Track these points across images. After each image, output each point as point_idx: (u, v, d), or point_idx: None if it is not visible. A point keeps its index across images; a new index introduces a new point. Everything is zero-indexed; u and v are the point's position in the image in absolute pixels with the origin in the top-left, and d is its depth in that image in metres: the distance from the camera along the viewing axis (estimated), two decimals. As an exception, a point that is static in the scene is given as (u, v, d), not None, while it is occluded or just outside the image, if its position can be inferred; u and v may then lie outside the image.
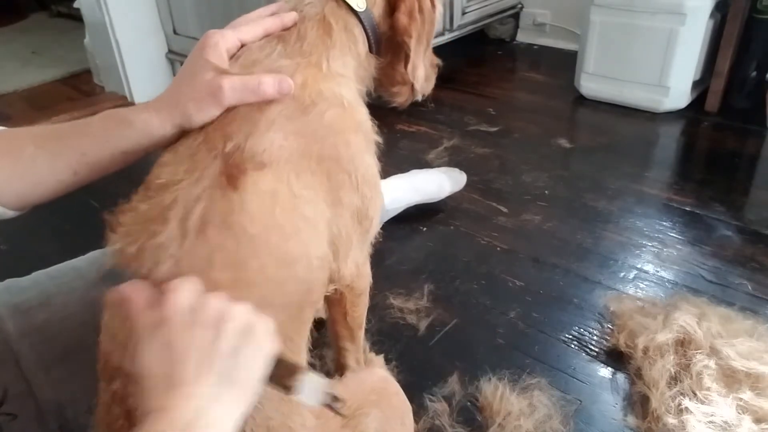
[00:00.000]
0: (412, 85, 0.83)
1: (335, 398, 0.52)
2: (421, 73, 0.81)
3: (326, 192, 0.65)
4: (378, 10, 0.75)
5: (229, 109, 0.63)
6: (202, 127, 0.63)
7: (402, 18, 0.75)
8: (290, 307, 0.63)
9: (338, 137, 0.67)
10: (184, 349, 0.46)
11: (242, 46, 0.67)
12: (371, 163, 0.73)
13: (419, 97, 0.87)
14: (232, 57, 0.67)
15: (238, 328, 0.48)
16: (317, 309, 1.10)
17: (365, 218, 0.72)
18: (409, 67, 0.78)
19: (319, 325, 1.11)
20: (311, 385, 0.51)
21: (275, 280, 0.60)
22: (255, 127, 0.62)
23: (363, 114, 0.74)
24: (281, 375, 0.51)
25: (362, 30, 0.73)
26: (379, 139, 0.76)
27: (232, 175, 0.60)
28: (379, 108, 0.85)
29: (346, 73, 0.72)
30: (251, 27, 0.68)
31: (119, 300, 0.50)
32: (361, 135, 0.71)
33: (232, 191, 0.59)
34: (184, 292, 0.49)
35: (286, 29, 0.69)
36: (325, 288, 0.70)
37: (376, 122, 0.76)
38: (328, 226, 0.66)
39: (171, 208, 0.58)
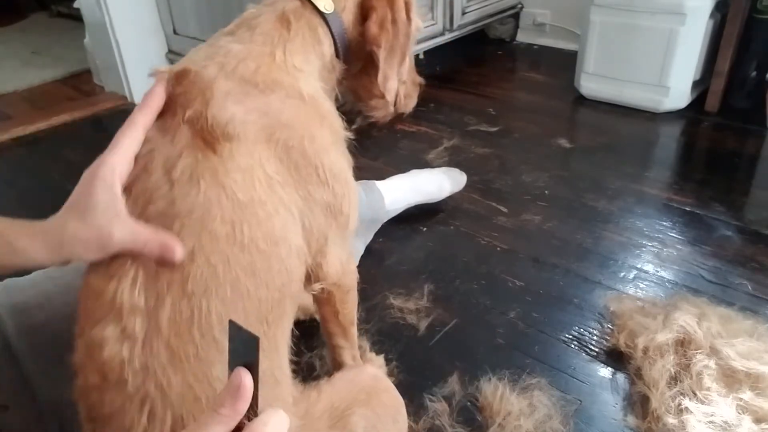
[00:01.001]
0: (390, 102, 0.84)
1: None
2: (393, 85, 0.81)
3: (296, 183, 0.66)
4: (348, 15, 0.76)
5: (179, 78, 0.64)
6: None
7: (372, 27, 0.75)
8: (273, 289, 0.62)
9: (302, 130, 0.67)
10: None
11: (134, 158, 0.62)
12: (339, 159, 0.72)
13: (401, 110, 0.86)
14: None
15: None
16: (312, 312, 1.11)
17: (340, 214, 0.72)
18: (380, 76, 0.78)
19: (319, 325, 1.11)
20: None
21: (263, 253, 0.61)
22: (209, 97, 0.63)
23: (327, 108, 0.73)
24: None
25: (328, 32, 0.73)
26: (349, 134, 0.75)
27: (207, 140, 0.61)
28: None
29: (307, 69, 0.71)
30: (130, 133, 0.61)
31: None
32: (327, 130, 0.70)
33: (213, 154, 0.61)
34: None
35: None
36: (302, 283, 0.70)
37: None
38: (300, 217, 0.66)
39: (150, 160, 0.61)
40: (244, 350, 0.39)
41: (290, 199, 0.65)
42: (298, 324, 1.10)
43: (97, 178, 0.58)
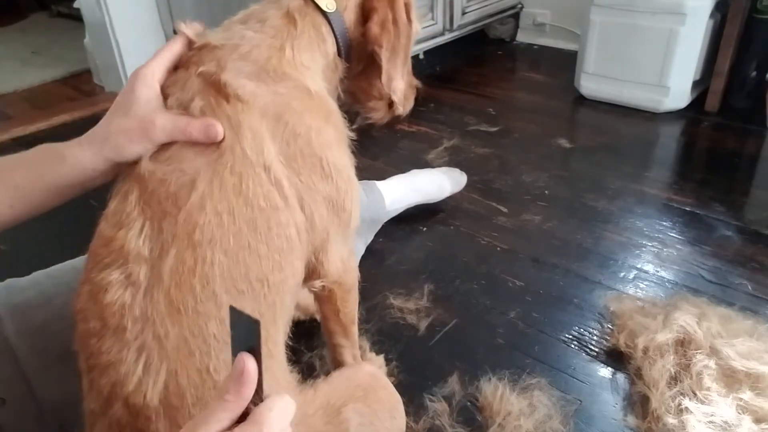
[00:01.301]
0: (390, 102, 0.84)
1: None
2: (399, 85, 0.81)
3: (300, 169, 0.66)
4: (350, 15, 0.76)
5: (198, 47, 0.68)
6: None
7: (374, 27, 0.76)
8: (272, 252, 0.63)
9: (310, 121, 0.68)
10: None
11: (172, 70, 0.68)
12: (343, 157, 0.73)
13: (400, 112, 0.87)
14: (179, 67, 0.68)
15: None
16: (315, 311, 1.11)
17: (342, 210, 0.72)
18: (384, 77, 0.78)
19: (319, 325, 1.11)
20: None
21: (263, 212, 0.62)
22: (223, 65, 0.65)
23: (332, 105, 0.74)
24: None
25: (330, 31, 0.74)
26: (351, 134, 0.76)
27: (220, 90, 0.64)
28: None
29: (312, 67, 0.72)
30: (169, 46, 0.68)
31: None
32: (332, 127, 0.71)
33: (226, 103, 0.63)
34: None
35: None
36: (302, 263, 0.70)
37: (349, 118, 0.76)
38: (300, 202, 0.67)
39: (165, 96, 0.65)
40: (246, 335, 0.39)
41: (291, 180, 0.66)
42: (298, 324, 1.11)
43: (138, 78, 0.64)
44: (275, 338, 0.65)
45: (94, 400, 0.57)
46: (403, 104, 0.86)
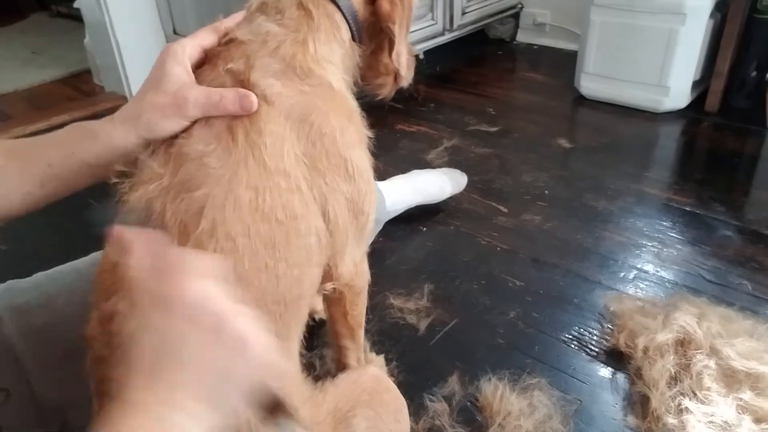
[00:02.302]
0: (395, 75, 0.83)
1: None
2: (405, 59, 0.81)
3: (325, 170, 0.65)
4: None
5: (227, 41, 0.67)
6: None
7: (384, 4, 0.75)
8: (291, 266, 0.61)
9: (336, 120, 0.67)
10: (177, 346, 0.41)
11: (204, 51, 0.68)
12: (364, 158, 0.72)
13: (405, 84, 0.86)
14: (204, 60, 0.67)
15: (238, 341, 0.42)
16: (317, 310, 1.11)
17: (361, 213, 0.71)
18: (394, 54, 0.78)
19: (319, 325, 1.11)
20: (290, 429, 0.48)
21: (282, 225, 0.60)
22: (251, 64, 0.64)
23: (354, 104, 0.73)
24: (267, 404, 0.46)
25: (343, 17, 0.73)
26: (370, 134, 0.75)
27: (247, 88, 0.62)
28: (379, 108, 0.85)
29: (333, 60, 0.71)
30: (209, 31, 0.68)
31: (123, 246, 0.45)
32: (354, 127, 0.70)
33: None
34: (196, 280, 0.43)
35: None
36: (321, 269, 0.69)
37: (372, 120, 0.75)
38: (322, 203, 0.66)
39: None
40: None
41: (314, 182, 0.64)
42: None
43: (169, 54, 0.63)
44: (291, 350, 0.64)
45: None
46: (408, 74, 0.85)
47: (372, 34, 0.78)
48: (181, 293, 0.42)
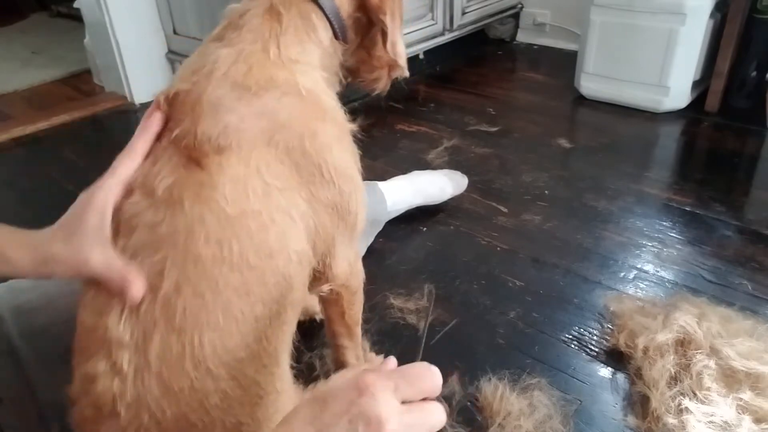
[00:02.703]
0: (389, 68, 0.82)
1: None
2: (402, 48, 0.80)
3: (299, 185, 0.64)
4: None
5: (171, 101, 0.63)
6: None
7: None
8: (270, 303, 0.60)
9: (302, 128, 0.64)
10: (326, 425, 0.43)
11: (130, 183, 0.62)
12: (344, 155, 0.69)
13: (404, 74, 0.85)
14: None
15: None
16: (315, 312, 1.11)
17: (347, 213, 0.70)
18: (389, 45, 0.77)
19: (320, 326, 1.11)
20: None
21: (256, 269, 0.59)
22: (199, 112, 0.61)
23: (329, 102, 0.71)
24: None
25: (322, 15, 0.71)
26: (354, 127, 0.73)
27: (192, 157, 0.59)
28: (379, 108, 0.85)
29: (305, 60, 0.69)
30: (126, 159, 0.62)
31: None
32: (329, 124, 0.68)
33: (199, 170, 0.59)
34: (389, 396, 0.44)
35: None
36: (305, 287, 0.68)
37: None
38: (304, 220, 0.64)
39: (135, 185, 0.60)
40: None
41: (290, 203, 0.63)
42: (298, 324, 1.11)
43: (91, 203, 0.60)
44: (280, 374, 0.64)
45: None
46: (405, 64, 0.83)
47: (359, 29, 0.77)
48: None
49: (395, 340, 1.13)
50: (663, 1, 1.85)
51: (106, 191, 0.60)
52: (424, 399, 0.47)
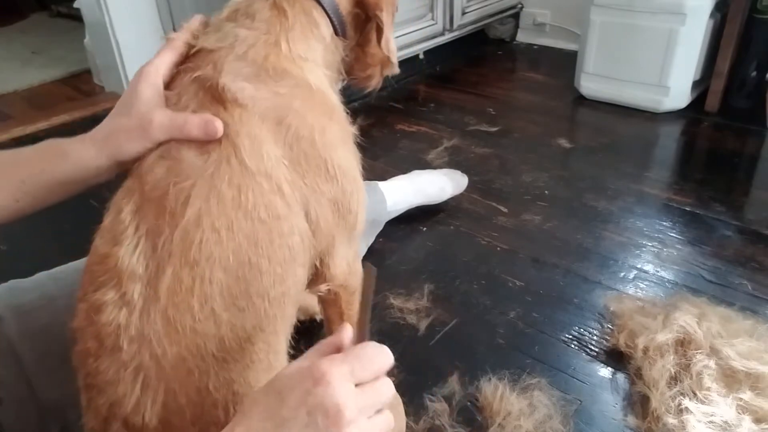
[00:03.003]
0: (381, 66, 0.82)
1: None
2: (394, 46, 0.80)
3: (304, 172, 0.64)
4: None
5: (192, 55, 0.66)
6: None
7: None
8: (274, 264, 0.61)
9: (313, 120, 0.66)
10: (284, 419, 0.43)
11: (177, 65, 0.67)
12: (348, 156, 0.70)
13: (395, 71, 0.85)
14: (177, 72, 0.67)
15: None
16: (315, 312, 1.11)
17: (348, 212, 0.70)
18: (383, 42, 0.77)
19: (320, 326, 1.11)
20: None
21: (265, 224, 0.60)
22: (220, 68, 0.63)
23: (335, 100, 0.72)
24: None
25: (323, 12, 0.72)
26: (354, 130, 0.74)
27: (216, 97, 0.62)
28: (378, 108, 0.85)
29: (311, 57, 0.70)
30: (169, 49, 0.67)
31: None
32: (336, 124, 0.69)
33: (224, 110, 0.61)
34: (343, 377, 0.45)
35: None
36: (305, 270, 0.69)
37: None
38: (305, 205, 0.65)
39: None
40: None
41: (295, 183, 0.64)
42: (298, 324, 1.11)
43: (142, 76, 0.64)
44: (276, 348, 0.64)
45: (93, 419, 0.56)
46: (396, 61, 0.84)
47: (357, 26, 0.77)
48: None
49: (395, 340, 1.13)
50: (663, 1, 1.85)
51: (156, 67, 0.64)
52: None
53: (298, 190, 0.64)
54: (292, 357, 0.70)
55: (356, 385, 0.45)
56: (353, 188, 0.70)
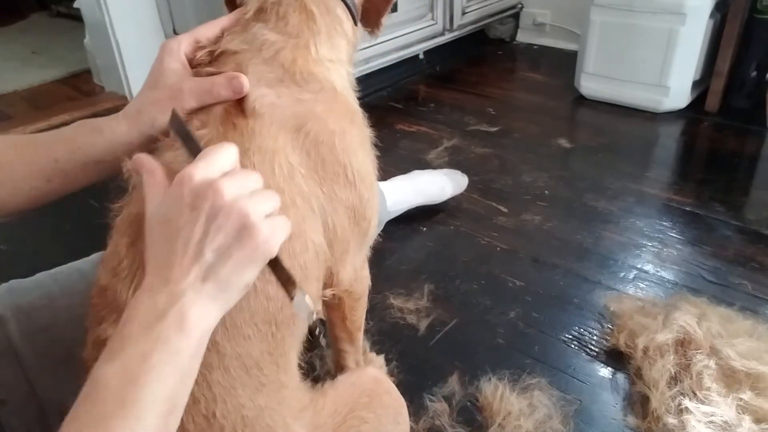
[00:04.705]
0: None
1: (321, 322, 0.57)
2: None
3: (321, 180, 0.63)
4: None
5: (216, 56, 0.65)
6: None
7: None
8: (283, 300, 0.59)
9: (334, 125, 0.65)
10: (179, 229, 0.46)
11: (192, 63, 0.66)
12: (366, 161, 0.70)
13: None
14: (196, 56, 0.66)
15: (236, 226, 0.46)
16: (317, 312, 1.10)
17: (363, 219, 0.69)
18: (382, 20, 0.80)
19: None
20: (303, 303, 0.54)
21: None
22: (244, 69, 0.63)
23: (355, 103, 0.72)
24: (279, 279, 0.54)
25: (345, 8, 0.72)
26: (371, 133, 0.74)
27: (228, 111, 0.61)
28: (378, 108, 0.85)
29: (336, 57, 0.70)
30: (207, 26, 0.68)
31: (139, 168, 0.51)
32: (356, 128, 0.69)
33: (232, 129, 0.60)
34: (202, 169, 0.47)
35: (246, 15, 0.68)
36: (320, 283, 0.68)
37: (372, 120, 0.74)
38: (322, 214, 0.63)
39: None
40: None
41: (312, 192, 0.62)
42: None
43: (165, 50, 0.65)
44: (286, 368, 0.63)
45: None
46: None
47: (363, 13, 0.78)
48: (187, 178, 0.47)
49: (395, 340, 1.13)
50: (663, 1, 1.85)
51: (179, 41, 0.65)
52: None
53: (315, 199, 0.62)
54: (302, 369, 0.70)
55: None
56: (370, 195, 0.69)
